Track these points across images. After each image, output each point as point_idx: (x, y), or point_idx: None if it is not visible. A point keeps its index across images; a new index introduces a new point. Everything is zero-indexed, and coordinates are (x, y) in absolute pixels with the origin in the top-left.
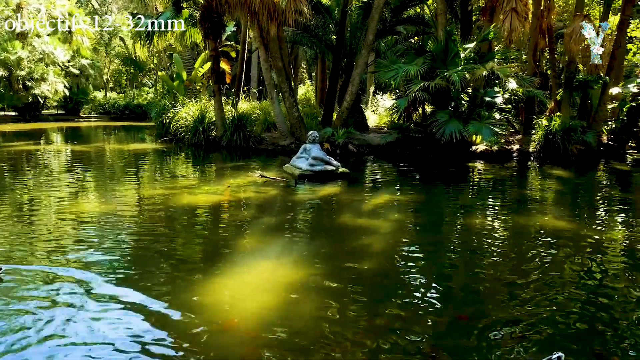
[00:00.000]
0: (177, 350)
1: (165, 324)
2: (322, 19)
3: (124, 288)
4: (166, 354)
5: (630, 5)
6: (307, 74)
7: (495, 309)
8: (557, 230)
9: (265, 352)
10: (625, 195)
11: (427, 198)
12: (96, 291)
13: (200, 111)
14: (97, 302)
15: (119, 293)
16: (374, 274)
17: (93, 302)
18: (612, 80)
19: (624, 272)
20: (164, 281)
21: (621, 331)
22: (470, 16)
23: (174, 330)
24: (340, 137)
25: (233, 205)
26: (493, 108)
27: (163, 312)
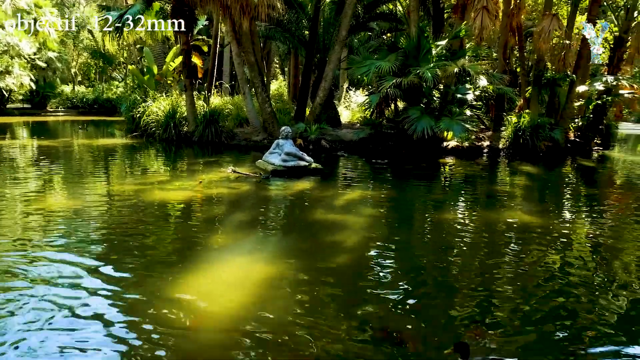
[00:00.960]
0: (147, 347)
1: (135, 321)
2: (295, 14)
3: (93, 285)
4: (135, 352)
5: (596, 5)
6: (280, 69)
7: (466, 300)
8: (526, 224)
9: (237, 349)
10: (590, 190)
11: (400, 193)
12: (63, 288)
13: (171, 106)
14: (64, 299)
15: (87, 291)
16: (347, 269)
17: (59, 300)
18: (579, 79)
19: (591, 264)
20: (134, 278)
21: (589, 320)
22: (443, 13)
23: (143, 328)
24: (313, 133)
25: (205, 201)
26: (464, 105)
27: (133, 309)
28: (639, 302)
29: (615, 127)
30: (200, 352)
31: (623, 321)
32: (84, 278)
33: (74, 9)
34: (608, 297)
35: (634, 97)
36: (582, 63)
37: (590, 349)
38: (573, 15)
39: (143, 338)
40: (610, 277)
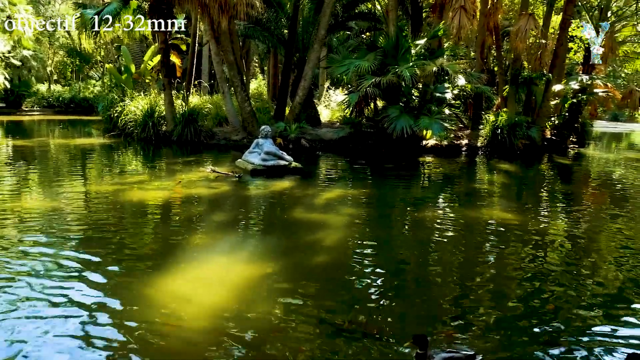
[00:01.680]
0: (123, 348)
1: (113, 322)
2: (274, 13)
3: (70, 285)
4: (111, 353)
5: (571, 5)
6: (260, 68)
7: (445, 297)
8: (504, 221)
9: (217, 349)
10: (566, 187)
11: (379, 192)
12: (39, 288)
13: (149, 105)
14: (40, 299)
15: (64, 291)
16: (328, 268)
17: (35, 300)
18: (555, 78)
19: (567, 260)
20: (111, 279)
21: (567, 315)
22: (421, 13)
23: (121, 329)
24: (292, 132)
25: (184, 201)
26: (443, 103)
27: (111, 310)
28: (615, 296)
29: (590, 125)
30: (178, 352)
31: (600, 315)
32: (60, 279)
33: (49, 7)
34: (584, 292)
35: (608, 96)
36: (557, 62)
37: (569, 340)
38: (549, 15)
39: (120, 339)
40: (586, 273)
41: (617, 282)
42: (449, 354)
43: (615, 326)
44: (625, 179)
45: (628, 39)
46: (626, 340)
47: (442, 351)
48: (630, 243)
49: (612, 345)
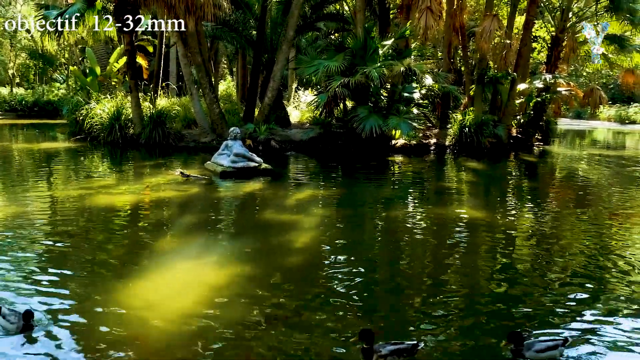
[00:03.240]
0: (90, 357)
1: (79, 330)
2: (242, 14)
3: (34, 293)
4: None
5: (534, 6)
6: (228, 69)
7: (416, 295)
8: (473, 219)
9: (187, 355)
10: (532, 184)
11: (350, 192)
12: (3, 296)
13: (116, 108)
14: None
15: (27, 299)
16: (299, 269)
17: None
18: (520, 77)
19: (534, 255)
20: (77, 286)
21: (533, 308)
22: (388, 14)
23: (87, 337)
24: (262, 133)
25: (153, 205)
26: (411, 103)
27: (75, 320)
28: (581, 286)
29: (554, 123)
30: (147, 359)
31: (565, 307)
32: (24, 287)
33: (10, 8)
34: (551, 285)
35: (570, 94)
36: (521, 62)
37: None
38: (512, 15)
39: (87, 347)
40: (552, 267)
41: (580, 275)
42: (394, 345)
43: (579, 316)
44: (588, 174)
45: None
46: (589, 328)
47: (387, 343)
48: (593, 237)
49: (577, 333)
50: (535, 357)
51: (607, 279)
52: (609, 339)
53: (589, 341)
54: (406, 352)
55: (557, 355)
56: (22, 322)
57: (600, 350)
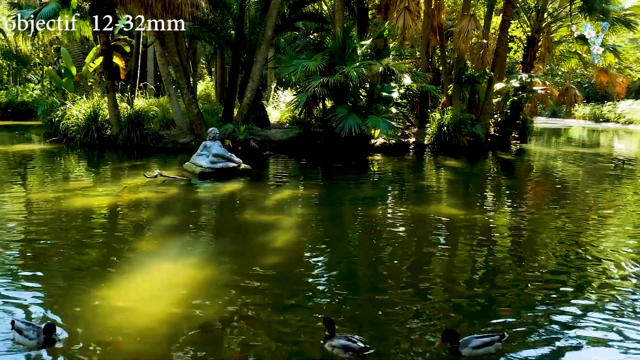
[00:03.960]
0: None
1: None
2: (220, 13)
3: (11, 295)
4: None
5: (510, 6)
6: (207, 69)
7: (395, 294)
8: (452, 217)
9: (165, 357)
10: (510, 182)
11: (330, 191)
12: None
13: (92, 109)
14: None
15: (4, 303)
16: (279, 269)
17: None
18: (497, 76)
19: (511, 252)
20: (54, 289)
21: (511, 304)
22: (367, 13)
23: (64, 344)
24: (241, 134)
25: (131, 207)
26: (390, 103)
27: (54, 320)
28: (558, 282)
29: (530, 121)
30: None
31: (542, 303)
32: (1, 290)
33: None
34: (528, 282)
35: (546, 93)
36: (498, 61)
37: (511, 335)
38: (489, 15)
39: (62, 350)
40: (530, 263)
41: (557, 270)
42: (347, 341)
43: (556, 310)
44: (564, 172)
45: (563, 38)
46: (565, 321)
47: (342, 337)
48: (569, 232)
49: (554, 327)
50: (471, 353)
51: (583, 275)
52: (584, 333)
53: (565, 335)
54: (354, 351)
55: (492, 350)
56: (43, 336)
57: (576, 343)
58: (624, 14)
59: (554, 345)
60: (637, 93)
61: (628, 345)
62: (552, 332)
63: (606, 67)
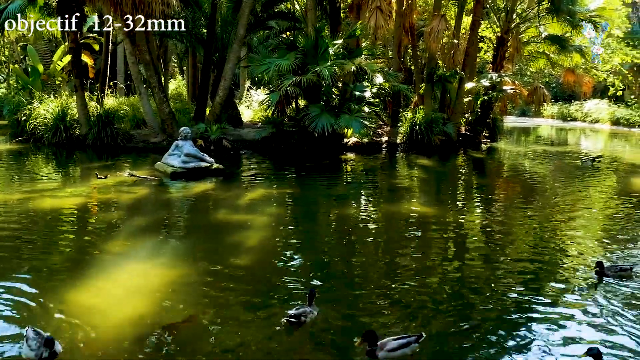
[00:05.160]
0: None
1: (23, 335)
2: (192, 12)
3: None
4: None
5: (480, 7)
6: (178, 68)
7: (369, 292)
8: (424, 215)
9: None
10: (480, 180)
11: (303, 190)
12: None
13: (60, 108)
14: None
15: None
16: (252, 268)
17: None
18: (467, 76)
19: (482, 249)
20: (20, 293)
21: (482, 299)
22: (339, 13)
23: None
24: (214, 133)
25: (101, 207)
26: (362, 102)
27: (21, 323)
28: (529, 280)
29: (500, 120)
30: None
31: (515, 298)
32: None
33: None
34: (498, 277)
35: (516, 93)
36: (469, 61)
37: (485, 326)
38: (460, 16)
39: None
40: (500, 259)
41: (528, 266)
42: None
43: (525, 305)
44: (533, 170)
45: (532, 39)
46: (535, 316)
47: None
48: (538, 229)
49: (524, 322)
50: (387, 356)
51: (552, 270)
52: (554, 326)
53: (538, 328)
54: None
55: (408, 352)
56: (44, 349)
57: (548, 336)
58: (589, 15)
59: (521, 335)
60: (602, 93)
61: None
62: (519, 325)
63: (573, 67)
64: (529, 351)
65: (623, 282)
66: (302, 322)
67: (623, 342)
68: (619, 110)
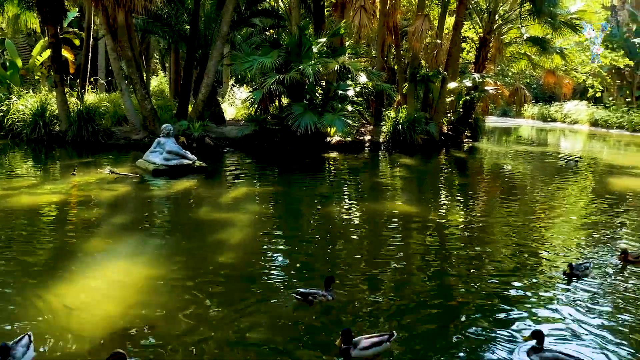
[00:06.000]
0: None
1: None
2: (175, 7)
3: None
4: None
5: (463, 8)
6: (161, 64)
7: (354, 289)
8: (407, 214)
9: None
10: (462, 179)
11: (285, 189)
12: None
13: (40, 103)
14: None
15: None
16: (234, 267)
17: None
18: (450, 76)
19: (463, 246)
20: (0, 291)
21: (466, 300)
22: (323, 11)
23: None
24: (196, 130)
25: (81, 205)
26: (345, 101)
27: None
28: (506, 277)
29: (482, 120)
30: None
31: (494, 294)
32: None
33: None
34: (481, 274)
35: (497, 93)
36: (451, 61)
37: (464, 322)
38: (443, 16)
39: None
40: (482, 256)
41: (507, 263)
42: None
43: (505, 301)
44: (514, 169)
45: (514, 40)
46: (514, 311)
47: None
48: (518, 228)
49: (505, 317)
50: (360, 355)
51: (532, 266)
52: (528, 321)
53: (514, 325)
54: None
55: (381, 351)
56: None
57: (523, 331)
58: (570, 17)
59: (498, 333)
60: (582, 94)
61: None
62: (496, 322)
63: (553, 68)
64: (504, 349)
65: (588, 279)
66: (310, 302)
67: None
68: (597, 111)
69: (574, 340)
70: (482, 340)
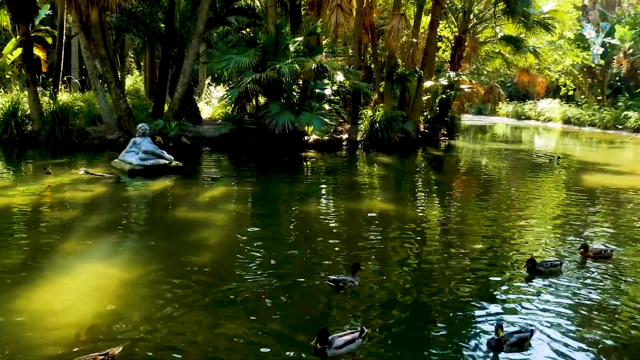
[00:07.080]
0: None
1: None
2: (150, 5)
3: None
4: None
5: (438, 7)
6: (136, 63)
7: (326, 289)
8: (384, 212)
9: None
10: (439, 177)
11: (263, 188)
12: None
13: (11, 103)
14: None
15: None
16: (212, 267)
17: None
18: (426, 75)
19: (440, 243)
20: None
21: (442, 296)
22: (300, 10)
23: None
24: (172, 130)
25: (55, 206)
26: (323, 99)
27: None
28: (484, 270)
29: (458, 118)
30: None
31: (474, 290)
32: None
33: None
34: (456, 268)
35: (472, 92)
36: (427, 60)
37: (437, 317)
38: (419, 15)
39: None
40: (458, 253)
41: (481, 259)
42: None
43: (483, 297)
44: (489, 167)
45: (488, 39)
46: (491, 307)
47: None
48: (493, 224)
49: (483, 314)
50: (335, 353)
51: (507, 263)
52: (499, 315)
53: (488, 319)
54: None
55: (354, 348)
56: None
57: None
58: (543, 17)
59: (482, 323)
60: (555, 92)
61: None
62: (470, 318)
63: (527, 67)
64: (480, 345)
65: (554, 276)
66: (340, 288)
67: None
68: (570, 109)
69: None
70: (455, 335)
